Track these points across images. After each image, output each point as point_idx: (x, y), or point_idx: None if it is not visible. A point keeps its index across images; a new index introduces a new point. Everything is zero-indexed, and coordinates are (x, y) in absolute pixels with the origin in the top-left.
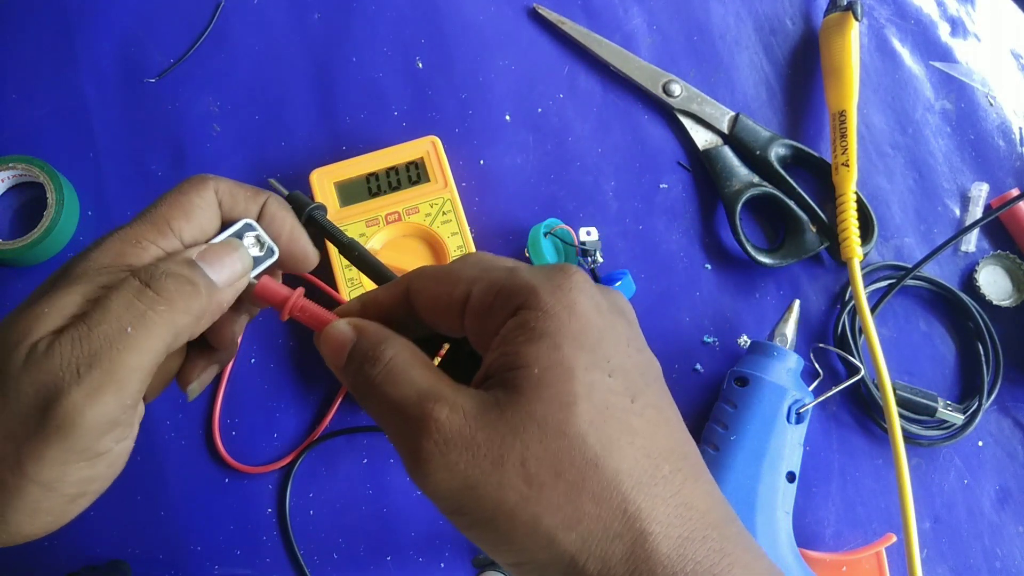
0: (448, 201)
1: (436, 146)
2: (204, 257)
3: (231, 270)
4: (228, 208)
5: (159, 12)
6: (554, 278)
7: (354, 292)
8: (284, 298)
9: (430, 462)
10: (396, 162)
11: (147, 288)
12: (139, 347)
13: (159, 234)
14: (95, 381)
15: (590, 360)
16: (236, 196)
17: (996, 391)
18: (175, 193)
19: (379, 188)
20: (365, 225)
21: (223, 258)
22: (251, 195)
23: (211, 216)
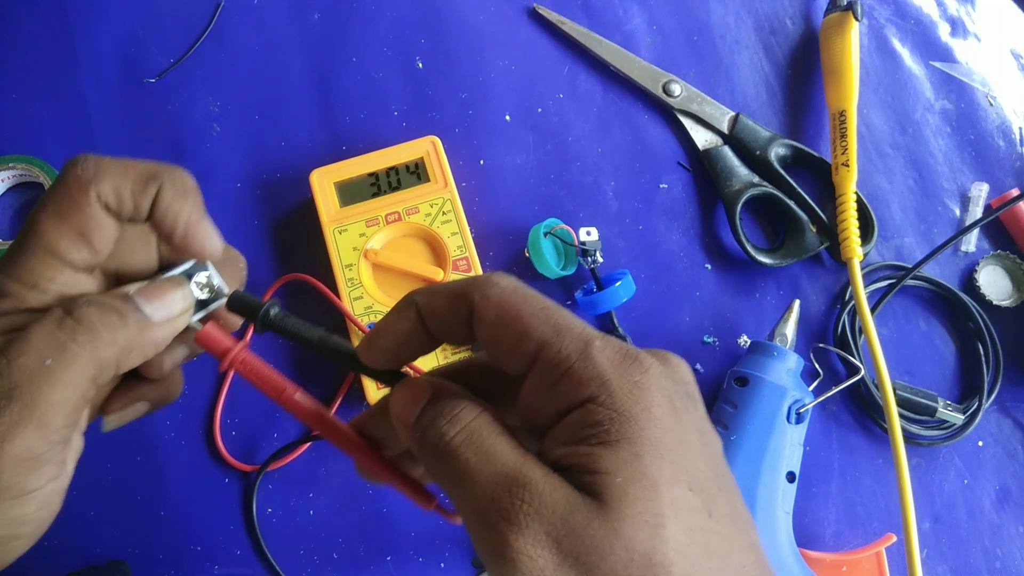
0: (448, 201)
1: (436, 146)
2: (142, 292)
3: (169, 308)
4: (119, 208)
5: (159, 12)
6: (631, 373)
7: (354, 292)
8: (225, 350)
9: (516, 560)
10: (396, 162)
11: (68, 317)
12: (60, 380)
13: (49, 268)
14: (15, 416)
15: (671, 473)
16: (123, 194)
17: (996, 391)
18: (54, 210)
19: (379, 188)
20: (365, 225)
21: (162, 294)
22: (140, 186)
23: (104, 232)
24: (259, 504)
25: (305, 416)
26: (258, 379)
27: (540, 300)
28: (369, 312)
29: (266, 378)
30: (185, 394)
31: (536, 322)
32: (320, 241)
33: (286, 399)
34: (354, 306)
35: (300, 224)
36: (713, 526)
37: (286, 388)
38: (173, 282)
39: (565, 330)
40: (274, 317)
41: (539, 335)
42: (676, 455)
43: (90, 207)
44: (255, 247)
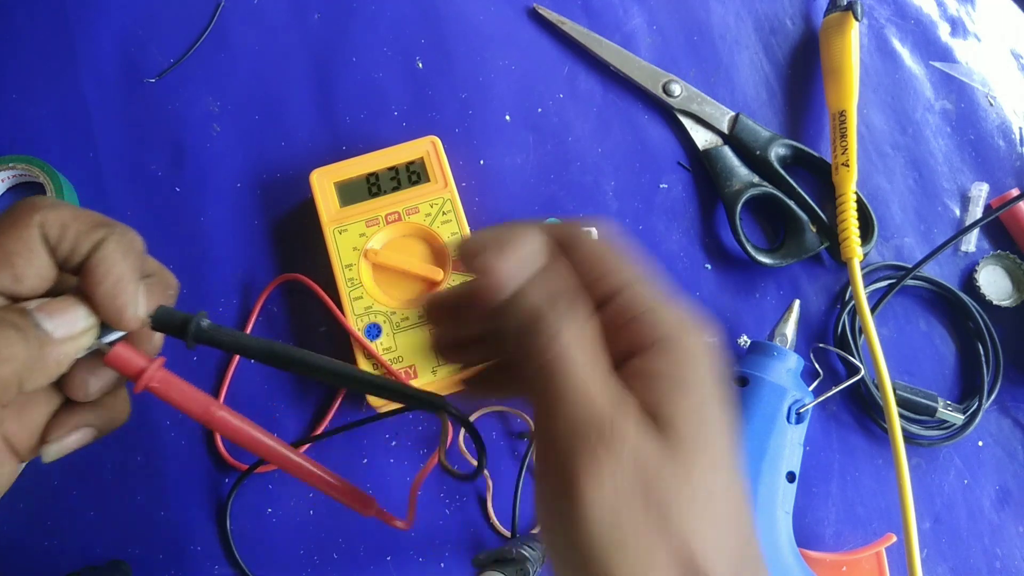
0: (448, 201)
1: (436, 146)
2: (42, 307)
3: (71, 325)
4: (57, 243)
5: (159, 12)
6: (700, 333)
7: (354, 292)
8: (138, 370)
9: (586, 499)
10: (396, 162)
11: None
12: None
13: None
14: None
15: (724, 422)
16: (68, 231)
17: (996, 391)
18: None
19: (379, 188)
20: (365, 225)
21: (64, 310)
22: (87, 228)
23: (33, 261)
24: (259, 504)
25: (233, 433)
26: (179, 398)
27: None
28: (369, 312)
29: (187, 397)
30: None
31: (626, 264)
32: (320, 241)
33: (211, 417)
34: (354, 306)
35: (300, 224)
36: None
37: (210, 405)
38: (75, 299)
39: (648, 279)
40: (207, 328)
41: (627, 274)
42: (723, 403)
43: (28, 231)
44: (255, 247)
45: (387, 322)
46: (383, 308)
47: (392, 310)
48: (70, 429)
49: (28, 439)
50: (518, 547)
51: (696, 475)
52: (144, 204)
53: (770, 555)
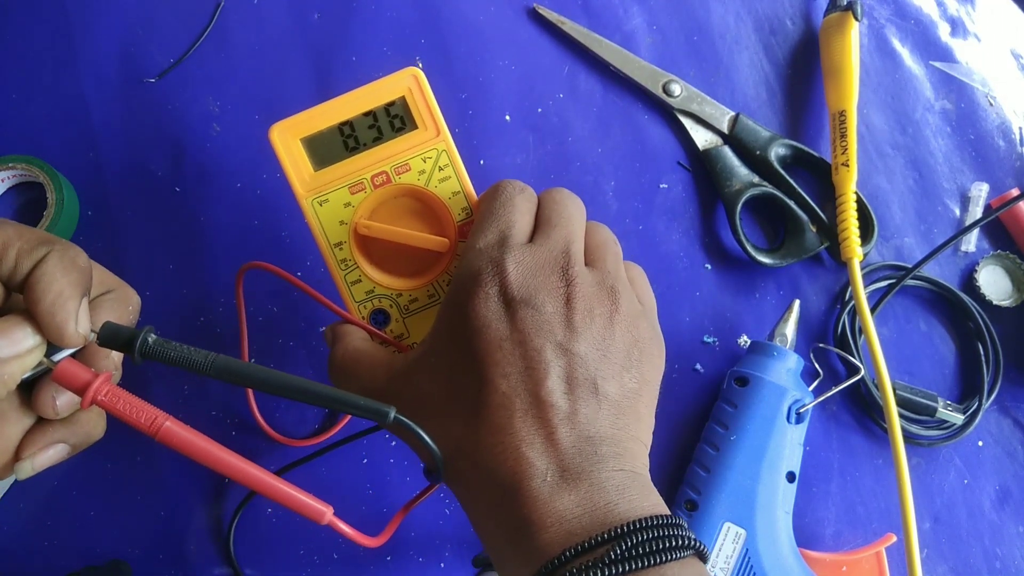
0: (443, 153)
1: (419, 80)
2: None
3: (16, 345)
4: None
5: (159, 12)
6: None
7: (350, 275)
8: (83, 384)
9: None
10: (372, 105)
11: None
12: None
13: None
14: None
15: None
16: (9, 248)
17: (996, 391)
18: None
19: (357, 142)
20: (349, 192)
21: (9, 330)
22: (29, 247)
23: None
24: (259, 504)
25: (182, 445)
26: (127, 411)
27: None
28: (372, 297)
29: (136, 410)
30: (185, 394)
31: None
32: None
33: (157, 430)
34: (353, 292)
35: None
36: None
37: (157, 417)
38: (20, 318)
39: None
40: (153, 344)
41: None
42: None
43: None
44: (255, 246)
45: (393, 306)
46: (386, 291)
47: (398, 291)
48: (43, 446)
49: (2, 456)
50: None
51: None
52: (144, 204)
53: (770, 555)
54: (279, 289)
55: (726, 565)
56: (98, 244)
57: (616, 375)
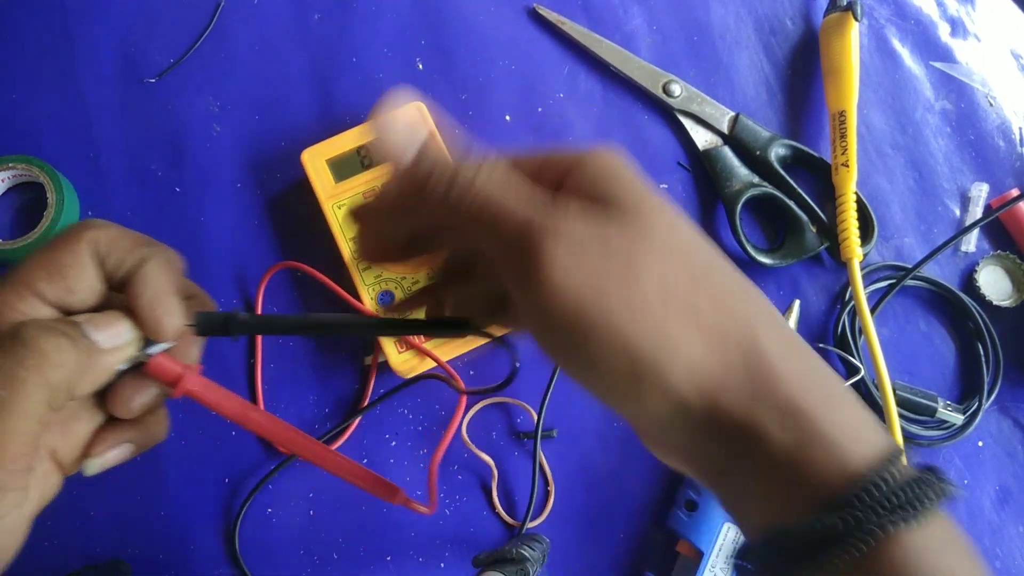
0: None
1: (423, 112)
2: (90, 320)
3: (117, 337)
4: (105, 259)
5: (159, 12)
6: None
7: (366, 272)
8: (176, 376)
9: (556, 264)
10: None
11: (15, 343)
12: (11, 409)
13: (17, 297)
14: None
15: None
16: (115, 248)
17: (996, 391)
18: (43, 250)
19: (371, 160)
20: (363, 197)
21: (111, 322)
22: (132, 246)
23: (83, 274)
24: (259, 504)
25: (268, 432)
26: (216, 402)
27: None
28: (379, 281)
29: (224, 399)
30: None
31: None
32: (320, 230)
33: (246, 418)
34: (363, 277)
35: (301, 222)
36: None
37: (245, 407)
38: (120, 313)
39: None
40: (245, 319)
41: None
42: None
43: (78, 245)
44: (256, 247)
45: (398, 287)
46: (392, 275)
47: (401, 275)
48: (111, 445)
49: (71, 453)
50: (518, 547)
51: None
52: (144, 204)
53: None
54: (278, 289)
55: (726, 565)
56: None
57: None
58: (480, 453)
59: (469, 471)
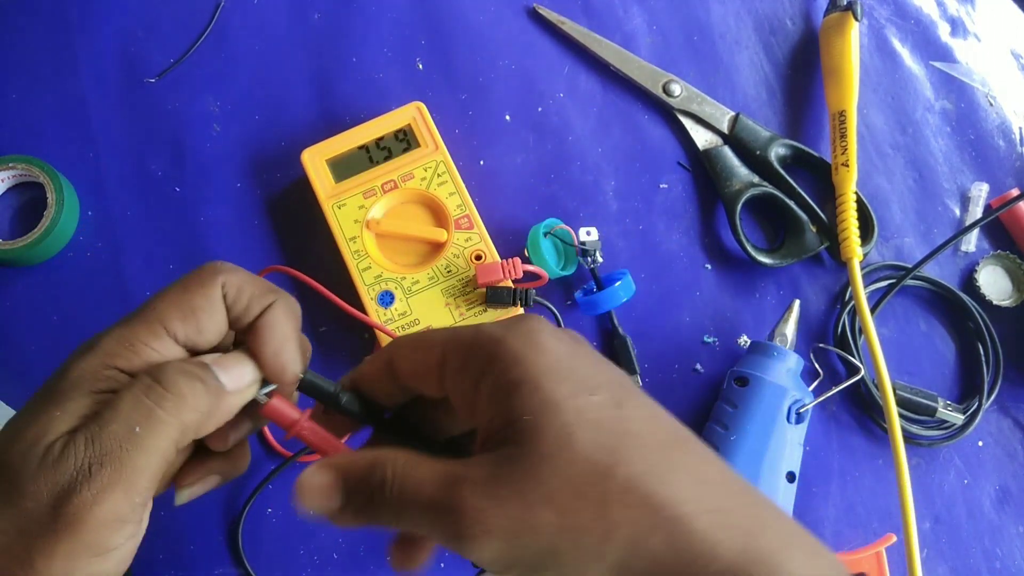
0: (441, 163)
1: (422, 111)
2: (218, 362)
3: (240, 379)
4: (233, 303)
5: (159, 12)
6: (514, 327)
7: (362, 263)
8: (292, 422)
9: (475, 539)
10: (384, 132)
11: (157, 384)
12: (146, 446)
13: (152, 335)
14: (104, 480)
15: (569, 389)
16: (243, 293)
17: (996, 391)
18: (177, 289)
19: (371, 159)
20: (363, 196)
21: (236, 365)
22: (259, 294)
23: (214, 316)
24: (259, 504)
25: None
26: (319, 444)
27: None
28: (380, 281)
29: (326, 443)
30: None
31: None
32: (322, 228)
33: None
34: (364, 277)
35: (301, 222)
36: (627, 414)
37: (340, 447)
38: (245, 356)
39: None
40: (346, 404)
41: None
42: (572, 374)
43: (213, 289)
44: (256, 247)
45: (398, 288)
46: (393, 275)
47: (402, 276)
48: (201, 475)
49: (164, 484)
50: None
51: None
52: (144, 204)
53: None
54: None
55: None
56: (98, 244)
57: None
58: None
59: None
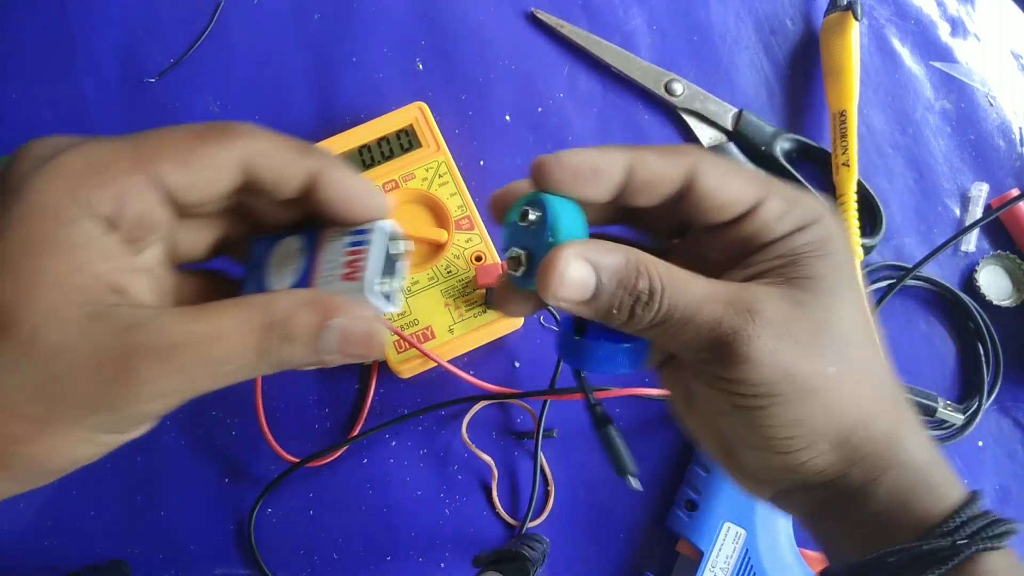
0: (443, 163)
1: (424, 111)
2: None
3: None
4: (260, 174)
5: (159, 12)
6: (825, 204)
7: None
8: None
9: (758, 358)
10: (386, 131)
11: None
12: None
13: (135, 169)
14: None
15: (857, 279)
16: (274, 160)
17: (996, 391)
18: (186, 130)
19: (372, 160)
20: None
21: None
22: (296, 157)
23: (217, 176)
24: (260, 505)
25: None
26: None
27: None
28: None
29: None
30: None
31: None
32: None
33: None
34: None
35: None
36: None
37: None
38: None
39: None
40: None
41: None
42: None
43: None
44: None
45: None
46: None
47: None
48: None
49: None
50: (518, 547)
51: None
52: None
53: (770, 555)
54: None
55: (726, 565)
56: None
57: None
58: (480, 453)
59: (469, 471)
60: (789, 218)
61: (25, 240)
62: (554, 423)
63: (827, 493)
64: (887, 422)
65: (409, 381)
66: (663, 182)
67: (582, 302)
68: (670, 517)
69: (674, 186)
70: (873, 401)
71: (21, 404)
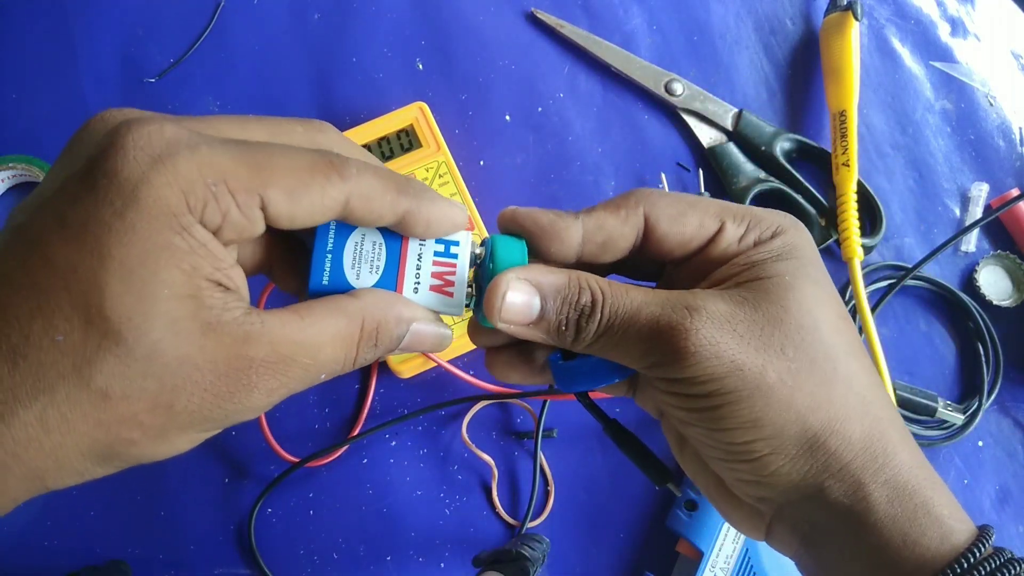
0: (443, 164)
1: (424, 111)
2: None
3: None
4: (355, 213)
5: (159, 12)
6: (790, 218)
7: None
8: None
9: (698, 351)
10: (386, 131)
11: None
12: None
13: (248, 188)
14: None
15: (827, 281)
16: (373, 204)
17: (996, 391)
18: (305, 163)
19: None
20: None
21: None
22: (393, 199)
23: (317, 216)
24: (260, 505)
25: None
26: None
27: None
28: None
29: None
30: None
31: (707, 201)
32: None
33: None
34: None
35: None
36: (848, 325)
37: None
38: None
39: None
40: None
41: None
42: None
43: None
44: None
45: None
46: None
47: None
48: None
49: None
50: (518, 547)
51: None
52: None
53: (770, 555)
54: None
55: (726, 565)
56: None
57: None
58: (480, 453)
59: (469, 471)
60: (750, 235)
61: (143, 248)
62: (554, 423)
63: (815, 517)
64: (863, 426)
65: (409, 381)
66: (620, 239)
67: (530, 323)
68: (670, 517)
69: (630, 240)
70: (845, 401)
71: (141, 414)
